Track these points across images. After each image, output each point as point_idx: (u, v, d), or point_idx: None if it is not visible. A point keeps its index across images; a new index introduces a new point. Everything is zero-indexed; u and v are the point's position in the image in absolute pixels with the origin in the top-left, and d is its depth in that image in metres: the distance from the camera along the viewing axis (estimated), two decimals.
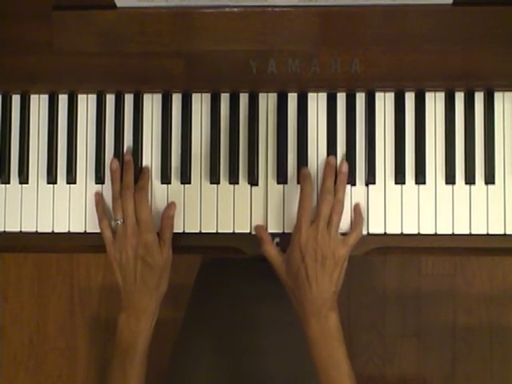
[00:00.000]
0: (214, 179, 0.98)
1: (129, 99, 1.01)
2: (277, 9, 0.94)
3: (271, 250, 0.94)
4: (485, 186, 0.97)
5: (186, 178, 0.99)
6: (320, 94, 0.99)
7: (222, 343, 1.05)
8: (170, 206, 0.97)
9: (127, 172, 0.97)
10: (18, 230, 1.00)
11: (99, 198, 0.98)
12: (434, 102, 0.98)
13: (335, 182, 0.94)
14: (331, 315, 0.89)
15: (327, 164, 0.96)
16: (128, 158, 0.98)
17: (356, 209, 0.96)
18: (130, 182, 0.96)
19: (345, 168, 0.95)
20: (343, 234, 0.94)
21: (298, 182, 0.97)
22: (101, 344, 1.76)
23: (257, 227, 0.96)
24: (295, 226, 0.92)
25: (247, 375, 1.00)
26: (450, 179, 0.97)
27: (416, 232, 0.97)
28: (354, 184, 0.97)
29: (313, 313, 0.89)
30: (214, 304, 1.11)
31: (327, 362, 0.88)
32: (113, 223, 0.95)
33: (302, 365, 1.03)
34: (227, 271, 1.15)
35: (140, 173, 0.99)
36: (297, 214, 0.92)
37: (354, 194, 0.97)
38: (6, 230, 1.00)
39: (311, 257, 0.89)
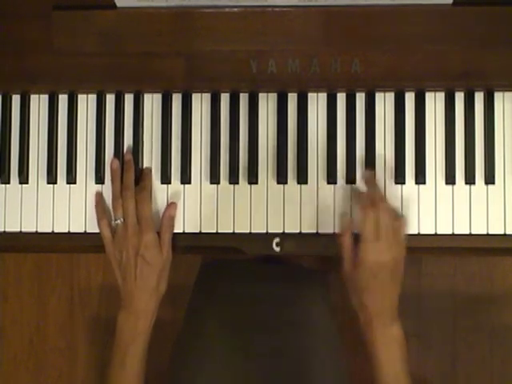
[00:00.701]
0: (214, 179, 0.98)
1: (129, 99, 1.01)
2: (277, 9, 0.94)
3: (349, 244, 0.93)
4: (485, 186, 0.97)
5: (185, 178, 0.99)
6: (320, 94, 0.99)
7: (221, 344, 1.05)
8: (171, 206, 0.97)
9: (127, 172, 0.97)
10: (18, 230, 1.00)
11: (99, 197, 0.98)
12: (434, 102, 0.98)
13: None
14: (395, 325, 0.91)
15: (366, 178, 0.96)
16: (128, 157, 0.98)
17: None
18: (130, 182, 0.96)
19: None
20: None
21: (298, 182, 0.97)
22: (101, 344, 1.76)
23: (343, 218, 0.96)
24: (361, 235, 0.91)
25: (247, 376, 1.00)
26: (450, 179, 0.97)
27: (416, 232, 0.97)
28: (353, 183, 0.97)
29: (378, 319, 0.91)
30: (213, 305, 1.11)
31: (384, 370, 0.89)
32: (113, 223, 0.95)
33: (301, 365, 1.02)
34: (227, 272, 1.15)
35: (141, 174, 0.99)
36: (361, 222, 0.91)
37: (354, 194, 0.97)
38: (6, 230, 1.00)
39: (382, 265, 0.90)
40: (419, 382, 1.61)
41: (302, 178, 0.97)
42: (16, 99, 1.02)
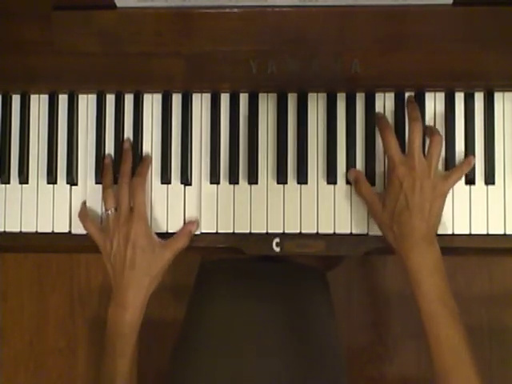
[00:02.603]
0: (214, 179, 0.98)
1: (129, 99, 1.01)
2: (277, 9, 0.94)
3: (367, 189, 0.94)
4: (485, 186, 0.97)
5: (185, 178, 0.99)
6: (320, 94, 0.99)
7: (222, 343, 1.05)
8: (194, 222, 0.97)
9: (125, 162, 0.98)
10: (18, 230, 1.00)
11: (82, 206, 0.99)
12: (434, 102, 0.98)
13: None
14: (432, 249, 0.89)
15: (408, 101, 0.96)
16: (127, 146, 0.99)
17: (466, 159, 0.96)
18: (127, 171, 0.97)
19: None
20: None
21: (298, 182, 0.97)
22: (101, 344, 1.76)
23: (351, 171, 0.96)
24: (388, 159, 0.93)
25: (247, 375, 1.00)
26: None
27: None
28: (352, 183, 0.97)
29: (414, 244, 0.88)
30: (213, 304, 1.11)
31: (428, 297, 0.87)
32: (104, 214, 0.96)
33: (301, 365, 1.03)
34: (227, 271, 1.15)
35: (140, 161, 0.99)
36: (384, 148, 0.94)
37: (354, 194, 0.97)
38: (6, 230, 1.00)
39: (410, 185, 0.89)
40: (419, 382, 1.62)
41: (302, 178, 0.97)
42: (16, 99, 1.02)
